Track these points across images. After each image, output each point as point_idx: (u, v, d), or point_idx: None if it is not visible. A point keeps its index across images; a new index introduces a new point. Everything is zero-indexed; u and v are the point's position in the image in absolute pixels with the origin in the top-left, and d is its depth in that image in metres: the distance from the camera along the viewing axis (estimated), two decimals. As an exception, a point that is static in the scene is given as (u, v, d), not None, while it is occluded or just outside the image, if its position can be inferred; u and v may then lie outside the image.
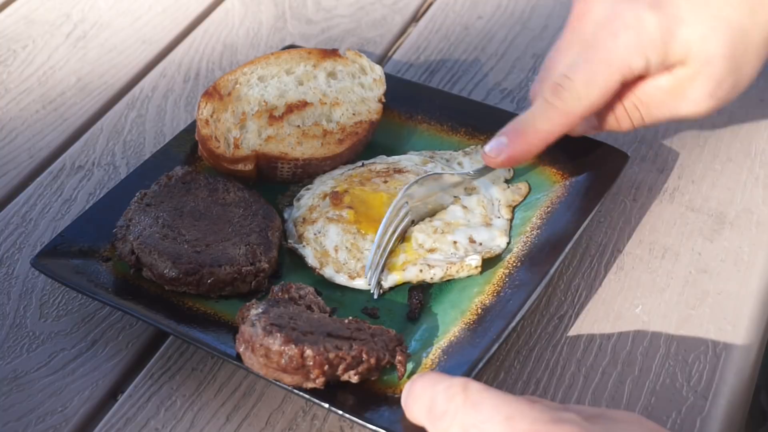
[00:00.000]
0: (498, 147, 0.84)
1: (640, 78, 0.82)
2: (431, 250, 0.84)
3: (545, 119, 0.83)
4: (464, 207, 0.88)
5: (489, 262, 0.83)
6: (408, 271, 0.83)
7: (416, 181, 0.86)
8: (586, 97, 0.81)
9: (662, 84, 0.82)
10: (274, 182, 0.92)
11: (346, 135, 0.93)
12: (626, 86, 0.83)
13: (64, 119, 1.05)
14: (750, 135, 0.99)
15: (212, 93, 0.92)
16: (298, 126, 0.93)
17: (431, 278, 0.83)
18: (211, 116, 0.90)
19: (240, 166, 0.89)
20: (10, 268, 0.88)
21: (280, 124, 0.92)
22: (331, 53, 0.97)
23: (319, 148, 0.92)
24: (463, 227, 0.86)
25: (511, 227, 0.88)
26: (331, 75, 0.96)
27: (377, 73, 0.97)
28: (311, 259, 0.85)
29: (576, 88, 0.81)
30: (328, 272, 0.84)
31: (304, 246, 0.85)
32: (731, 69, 0.81)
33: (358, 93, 0.95)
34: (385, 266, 0.83)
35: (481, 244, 0.85)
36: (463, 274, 0.82)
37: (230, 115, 0.91)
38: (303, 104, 0.94)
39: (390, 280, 0.83)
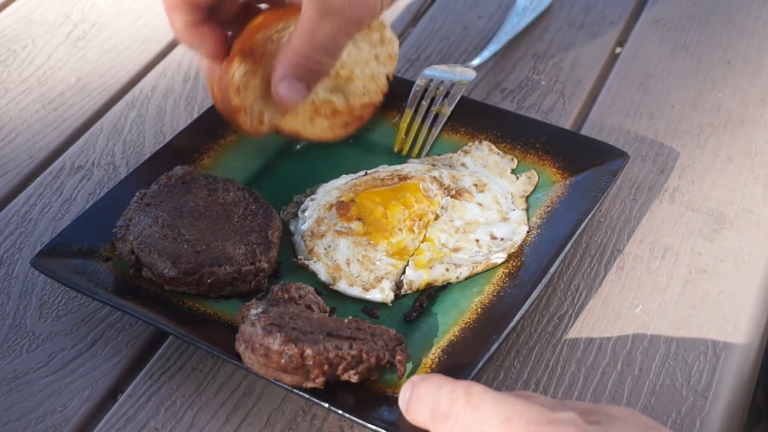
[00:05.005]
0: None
1: None
2: (455, 250, 0.85)
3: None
4: (480, 204, 0.88)
5: (489, 262, 0.84)
6: (435, 269, 0.83)
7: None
8: None
9: None
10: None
11: (352, 118, 0.93)
12: None
13: (64, 119, 1.05)
14: (750, 135, 0.99)
15: (248, 53, 0.84)
16: (312, 101, 0.92)
17: (457, 278, 0.83)
18: (242, 82, 0.85)
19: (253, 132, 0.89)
20: (10, 268, 0.88)
21: None
22: None
23: (326, 130, 0.92)
24: (482, 225, 0.87)
25: (528, 216, 0.88)
26: (353, 41, 0.91)
27: (393, 49, 0.94)
28: (323, 275, 0.83)
29: None
30: (341, 286, 0.83)
31: (315, 261, 0.84)
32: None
33: (371, 67, 0.94)
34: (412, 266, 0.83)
35: (502, 239, 0.86)
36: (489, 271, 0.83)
37: (259, 81, 0.86)
38: None
39: (417, 278, 0.82)
